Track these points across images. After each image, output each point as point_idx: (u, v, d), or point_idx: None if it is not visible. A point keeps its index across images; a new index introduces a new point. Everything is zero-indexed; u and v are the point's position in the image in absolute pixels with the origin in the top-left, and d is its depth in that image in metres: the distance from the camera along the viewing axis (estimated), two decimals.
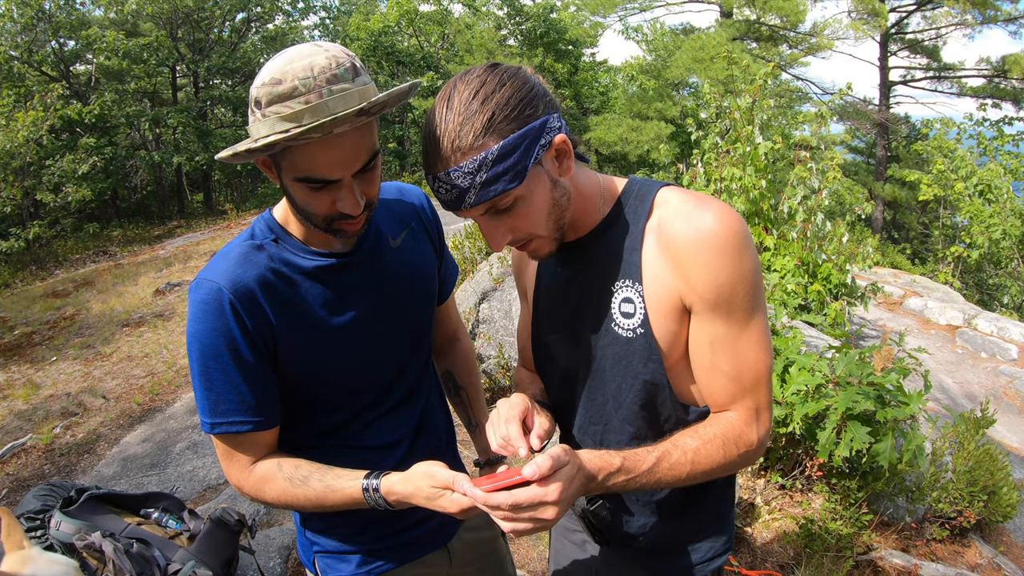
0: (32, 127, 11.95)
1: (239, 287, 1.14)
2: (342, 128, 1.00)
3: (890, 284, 7.93)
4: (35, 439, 4.95)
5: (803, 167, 5.12)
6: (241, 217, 15.52)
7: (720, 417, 1.13)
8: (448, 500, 1.08)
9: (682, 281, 1.06)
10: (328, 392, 1.28)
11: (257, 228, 1.25)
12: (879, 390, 2.74)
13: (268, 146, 1.00)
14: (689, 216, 1.06)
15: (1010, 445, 4.23)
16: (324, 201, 1.10)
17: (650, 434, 1.19)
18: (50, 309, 9.09)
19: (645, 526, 1.30)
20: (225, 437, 1.20)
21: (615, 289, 1.14)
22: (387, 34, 22.01)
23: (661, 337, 1.11)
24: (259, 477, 1.21)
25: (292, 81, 1.00)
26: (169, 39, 18.03)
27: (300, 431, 1.31)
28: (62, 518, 1.95)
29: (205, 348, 1.15)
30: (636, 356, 1.13)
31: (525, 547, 3.18)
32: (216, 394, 1.17)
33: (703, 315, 1.07)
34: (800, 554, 2.92)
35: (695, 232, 1.04)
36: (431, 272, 1.43)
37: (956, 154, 11.06)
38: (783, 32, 20.05)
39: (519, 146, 0.99)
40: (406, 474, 1.14)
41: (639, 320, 1.11)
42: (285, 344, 1.20)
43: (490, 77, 1.00)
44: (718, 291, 1.04)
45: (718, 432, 1.10)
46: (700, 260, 1.03)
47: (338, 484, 1.18)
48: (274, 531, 3.31)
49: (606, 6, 21.03)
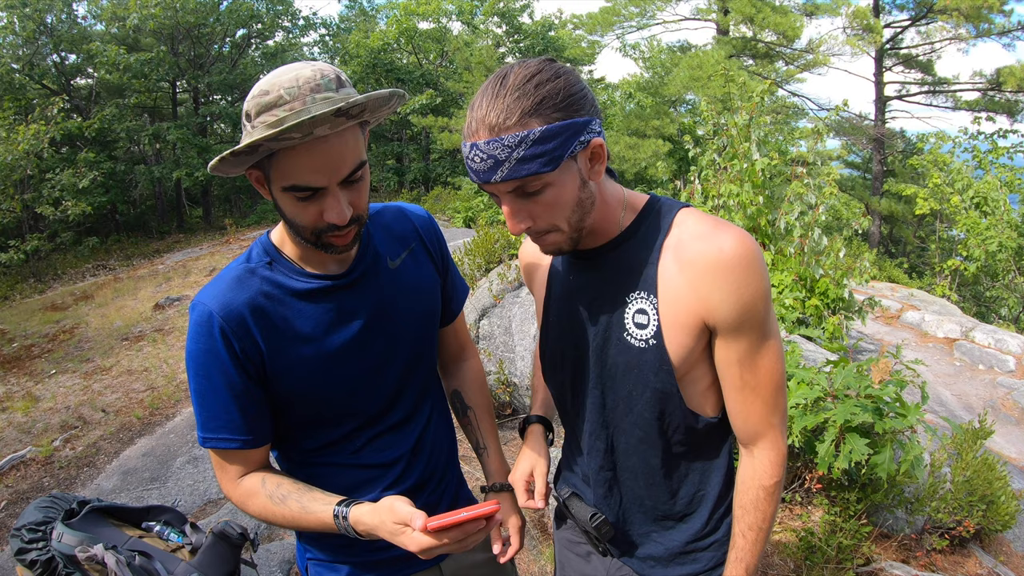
0: (33, 140, 11.98)
1: (229, 312, 1.18)
2: (322, 129, 1.04)
3: (887, 298, 7.96)
4: (35, 451, 4.95)
5: (800, 183, 5.16)
6: (240, 233, 15.56)
7: (746, 487, 1.22)
8: (408, 538, 1.09)
9: (703, 300, 1.11)
10: (320, 412, 1.29)
11: (254, 251, 1.28)
12: (877, 402, 2.75)
13: (251, 147, 1.04)
14: (709, 238, 1.10)
15: (1008, 456, 4.24)
16: (311, 212, 1.13)
17: (658, 439, 1.23)
18: (49, 322, 9.09)
19: (647, 536, 1.33)
20: (216, 451, 1.25)
21: (629, 300, 1.18)
22: (386, 51, 22.18)
23: (673, 350, 1.14)
24: (244, 491, 1.25)
25: (278, 91, 1.06)
26: (170, 54, 18.15)
27: (296, 447, 1.33)
28: (64, 530, 1.95)
29: (198, 367, 1.20)
30: (648, 366, 1.17)
31: (526, 562, 3.18)
32: (208, 411, 1.22)
33: (728, 335, 1.12)
34: (800, 567, 2.92)
35: (717, 254, 1.08)
36: (432, 293, 1.43)
37: (953, 167, 11.13)
38: (779, 49, 20.24)
39: (560, 135, 1.02)
40: (374, 506, 1.15)
41: (652, 331, 1.15)
42: (275, 366, 1.22)
43: (547, 67, 1.04)
44: (741, 311, 1.09)
45: (759, 504, 1.21)
46: (723, 282, 1.08)
47: (313, 507, 1.20)
48: (275, 545, 3.31)
49: (604, 24, 21.23)
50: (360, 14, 27.46)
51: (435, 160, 22.79)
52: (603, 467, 1.31)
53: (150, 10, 16.75)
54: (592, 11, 21.74)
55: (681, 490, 1.28)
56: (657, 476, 1.27)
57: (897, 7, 19.21)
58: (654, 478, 1.27)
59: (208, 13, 18.47)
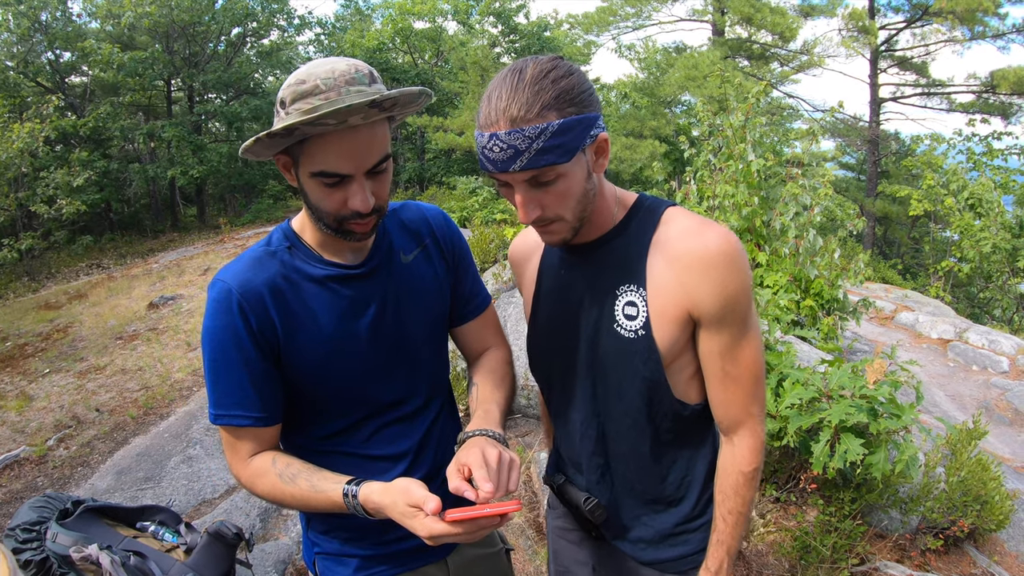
0: (28, 138, 11.92)
1: (248, 289, 1.22)
2: (355, 118, 1.09)
3: (882, 299, 7.99)
4: (29, 451, 4.92)
5: (795, 184, 5.18)
6: (235, 232, 15.50)
7: (726, 473, 1.27)
8: (419, 522, 1.09)
9: (689, 294, 1.17)
10: (328, 398, 1.31)
11: (274, 236, 1.32)
12: (872, 403, 2.77)
13: (287, 129, 1.08)
14: (696, 235, 1.17)
15: (1002, 456, 4.26)
16: (336, 199, 1.17)
17: (647, 426, 1.29)
18: (43, 321, 9.04)
19: (638, 519, 1.37)
20: (228, 428, 1.26)
21: (620, 292, 1.24)
22: (381, 51, 22.12)
23: (661, 339, 1.20)
24: (254, 470, 1.26)
25: (315, 81, 1.10)
26: (165, 53, 18.07)
27: (304, 434, 1.35)
28: (58, 530, 1.94)
29: (215, 344, 1.23)
30: (637, 355, 1.22)
31: (522, 562, 3.18)
32: (222, 387, 1.24)
33: (711, 327, 1.19)
34: (795, 567, 2.93)
35: (703, 250, 1.15)
36: (441, 292, 1.44)
37: (948, 168, 11.18)
38: (775, 50, 20.31)
39: (575, 128, 1.08)
40: (386, 485, 1.16)
41: (641, 322, 1.21)
42: (288, 348, 1.25)
43: (560, 64, 1.10)
44: (724, 304, 1.16)
45: (738, 489, 1.26)
46: (708, 276, 1.15)
47: (322, 486, 1.21)
48: (271, 545, 3.30)
49: (599, 25, 21.27)
50: (355, 13, 27.38)
51: (430, 160, 22.76)
52: (595, 453, 1.36)
53: (145, 8, 16.66)
54: (588, 11, 21.80)
55: (670, 475, 1.34)
56: (647, 461, 1.32)
57: (892, 9, 19.33)
58: (644, 463, 1.32)
59: (203, 11, 18.37)
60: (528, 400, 4.54)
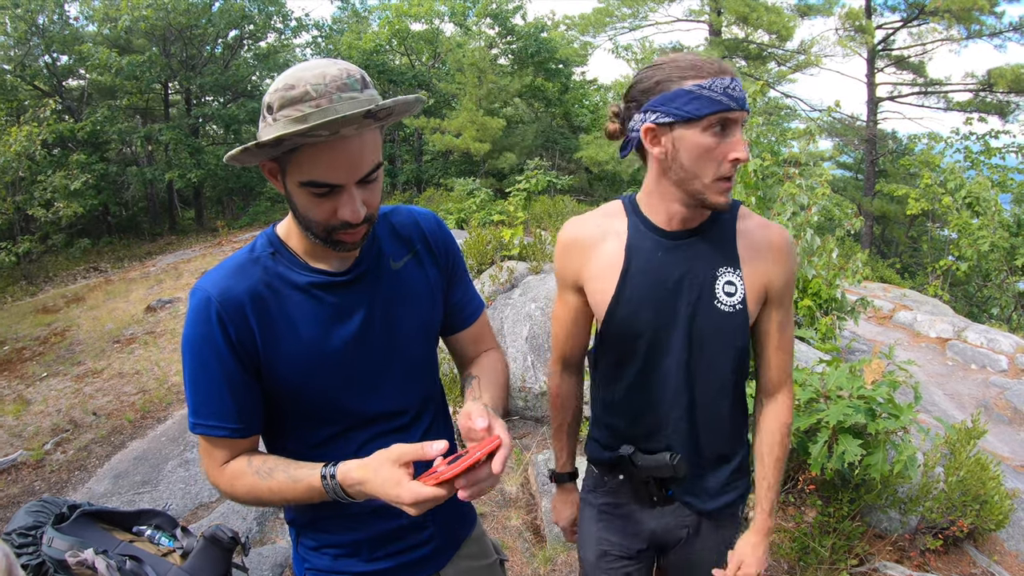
0: (25, 142, 11.90)
1: (228, 298, 1.19)
2: (349, 129, 1.05)
3: (880, 298, 8.00)
4: (26, 455, 4.91)
5: (792, 183, 5.17)
6: (232, 235, 15.49)
7: (774, 428, 1.54)
8: (404, 489, 1.05)
9: (767, 274, 1.43)
10: (313, 407, 1.28)
11: (258, 242, 1.27)
12: (870, 403, 2.76)
13: (276, 140, 1.04)
14: (768, 228, 1.46)
15: (1001, 455, 4.26)
16: (326, 208, 1.13)
17: (732, 391, 1.50)
18: (40, 325, 9.03)
19: (706, 474, 1.54)
20: (204, 437, 1.24)
21: (719, 273, 1.42)
22: (378, 53, 22.13)
23: (751, 312, 1.44)
24: (231, 474, 1.24)
25: (304, 86, 1.05)
26: (162, 56, 18.06)
27: (290, 441, 1.32)
28: (54, 534, 1.94)
29: (194, 353, 1.20)
30: (735, 328, 1.43)
31: (519, 565, 3.17)
32: (200, 397, 1.22)
33: (775, 303, 1.47)
34: (794, 567, 2.92)
35: (779, 241, 1.44)
36: (433, 298, 1.39)
37: (946, 167, 11.18)
38: (772, 50, 20.32)
39: None
40: (364, 460, 1.13)
41: (739, 299, 1.42)
42: (270, 357, 1.22)
43: None
44: (786, 284, 1.46)
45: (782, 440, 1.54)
46: (780, 262, 1.44)
47: (299, 474, 1.18)
48: (267, 549, 3.29)
49: (596, 25, 21.29)
50: (352, 15, 27.38)
51: (427, 161, 22.77)
52: (681, 419, 1.49)
53: (142, 11, 16.66)
54: (585, 12, 21.81)
55: (733, 432, 1.54)
56: (725, 422, 1.52)
57: (889, 8, 19.31)
58: (723, 424, 1.51)
59: (200, 14, 18.39)
60: (526, 402, 4.52)
